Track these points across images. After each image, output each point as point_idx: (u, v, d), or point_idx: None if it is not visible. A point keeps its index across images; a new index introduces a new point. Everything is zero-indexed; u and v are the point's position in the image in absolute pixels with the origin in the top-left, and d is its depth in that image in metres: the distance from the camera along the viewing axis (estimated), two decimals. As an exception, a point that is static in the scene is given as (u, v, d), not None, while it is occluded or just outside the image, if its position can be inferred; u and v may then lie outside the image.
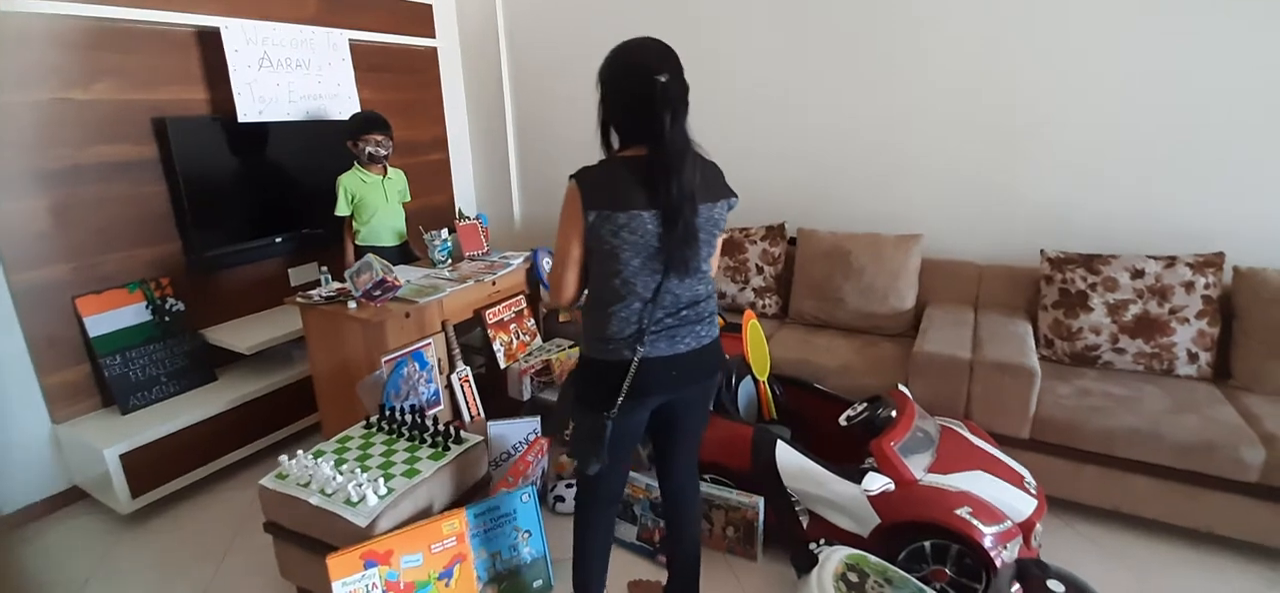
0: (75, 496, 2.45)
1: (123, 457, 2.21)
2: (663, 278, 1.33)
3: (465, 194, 4.13)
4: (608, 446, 1.40)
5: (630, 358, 1.34)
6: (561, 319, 2.95)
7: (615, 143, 1.38)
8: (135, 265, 2.52)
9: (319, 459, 1.80)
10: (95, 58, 2.35)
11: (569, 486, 2.29)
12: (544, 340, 2.84)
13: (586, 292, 1.46)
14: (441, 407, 2.32)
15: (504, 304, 2.63)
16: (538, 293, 2.86)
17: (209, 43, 2.62)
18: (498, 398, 2.61)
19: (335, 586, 1.53)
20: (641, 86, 1.27)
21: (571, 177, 1.34)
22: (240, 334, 2.66)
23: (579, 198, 1.31)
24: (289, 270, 3.05)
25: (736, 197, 1.43)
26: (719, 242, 1.47)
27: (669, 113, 1.26)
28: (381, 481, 1.69)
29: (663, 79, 1.26)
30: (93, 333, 2.36)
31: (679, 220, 1.28)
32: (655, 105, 1.26)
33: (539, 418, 2.43)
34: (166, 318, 2.56)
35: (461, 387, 2.39)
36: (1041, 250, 2.44)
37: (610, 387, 1.36)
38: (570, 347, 2.76)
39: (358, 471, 1.75)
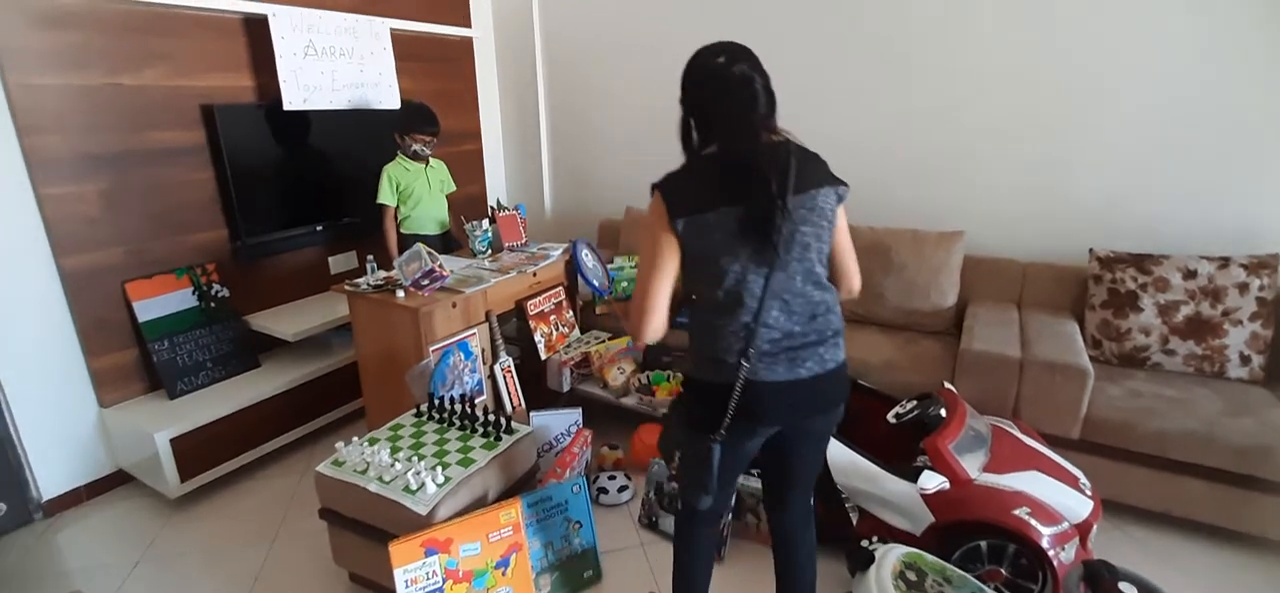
0: (120, 479, 2.48)
1: (173, 441, 2.24)
2: (767, 280, 1.20)
3: (497, 185, 4.14)
4: (716, 473, 1.29)
5: (736, 380, 1.22)
6: (598, 312, 2.95)
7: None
8: (182, 251, 2.54)
9: (374, 446, 1.81)
10: (145, 43, 2.36)
11: (611, 478, 2.30)
12: (582, 332, 2.85)
13: (688, 308, 1.34)
14: (484, 397, 2.33)
15: (544, 295, 2.63)
16: (576, 284, 2.87)
17: (256, 30, 2.64)
18: (536, 389, 2.62)
19: (396, 573, 1.54)
20: (715, 79, 1.24)
21: (654, 186, 1.24)
22: (283, 321, 2.68)
23: (664, 207, 1.20)
24: (329, 259, 3.07)
25: (846, 185, 1.29)
26: (846, 242, 1.35)
27: (743, 100, 1.21)
28: (439, 469, 1.70)
29: (737, 68, 1.22)
30: (142, 318, 2.38)
31: (761, 210, 1.18)
32: (730, 96, 1.22)
33: (580, 410, 2.45)
34: (212, 304, 2.58)
35: (504, 377, 2.40)
36: (1091, 249, 2.41)
37: (720, 408, 1.24)
38: (609, 339, 2.76)
39: (414, 458, 1.76)
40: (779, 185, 1.19)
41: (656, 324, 1.25)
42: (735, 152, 1.21)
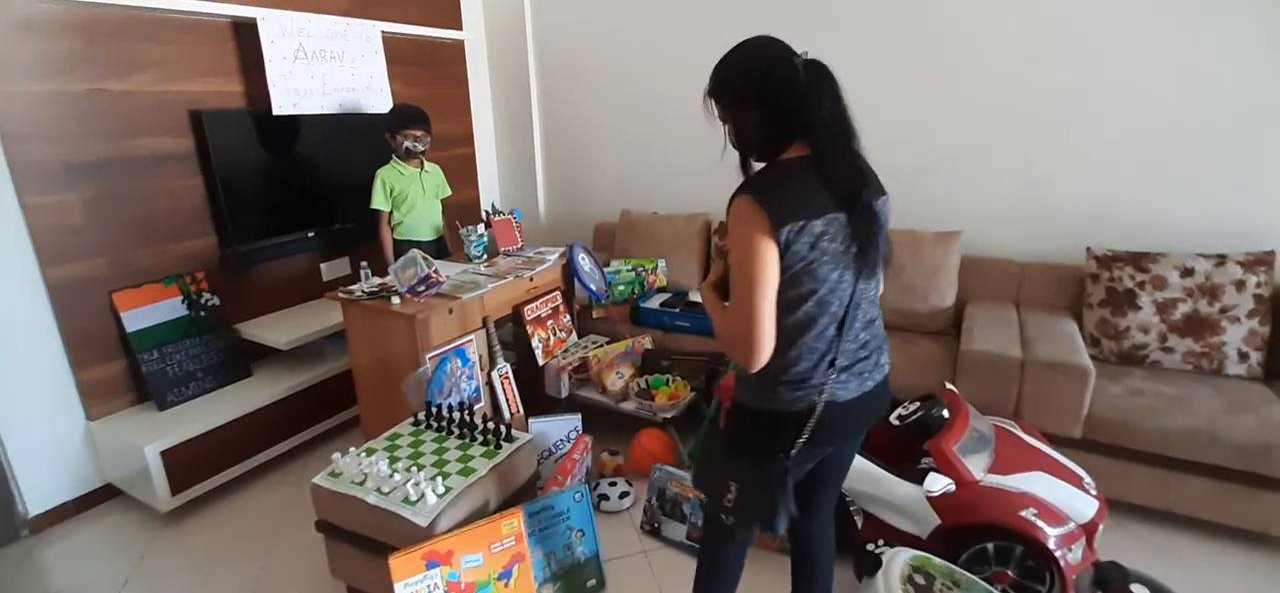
0: (108, 494, 2.42)
1: (163, 454, 2.19)
2: (853, 289, 1.15)
3: (490, 189, 4.10)
4: (789, 494, 1.17)
5: (818, 401, 1.15)
6: (595, 315, 2.93)
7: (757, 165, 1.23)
8: (171, 260, 2.49)
9: (371, 457, 1.78)
10: (131, 48, 2.31)
11: (612, 484, 2.27)
12: (579, 337, 2.82)
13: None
14: (482, 404, 2.30)
15: (541, 300, 2.61)
16: (573, 288, 2.84)
17: (245, 34, 2.59)
18: (534, 395, 2.59)
19: (397, 586, 1.51)
20: (785, 72, 1.13)
21: (741, 191, 1.11)
22: (275, 329, 2.63)
23: (764, 215, 1.06)
24: (321, 265, 3.03)
25: (886, 194, 1.28)
26: None
27: (827, 93, 1.12)
28: (439, 479, 1.67)
29: (806, 54, 1.13)
30: (130, 328, 2.33)
31: (866, 216, 1.13)
32: (808, 87, 1.12)
33: (579, 416, 2.42)
34: (202, 313, 2.53)
35: (502, 384, 2.37)
36: (1088, 248, 2.42)
37: (792, 432, 1.17)
38: (607, 343, 2.73)
39: (414, 469, 1.73)
40: (874, 187, 1.17)
41: (769, 346, 1.10)
42: (837, 154, 1.14)
